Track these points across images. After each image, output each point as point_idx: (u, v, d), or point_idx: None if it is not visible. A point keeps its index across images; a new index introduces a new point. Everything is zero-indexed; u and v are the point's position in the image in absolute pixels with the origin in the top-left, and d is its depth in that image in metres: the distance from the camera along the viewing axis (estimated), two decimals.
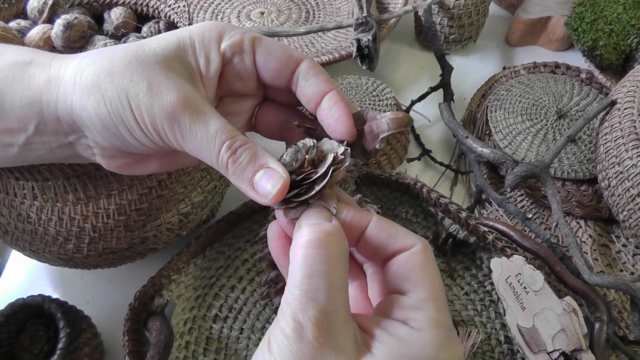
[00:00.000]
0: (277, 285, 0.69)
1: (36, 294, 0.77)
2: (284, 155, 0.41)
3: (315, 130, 0.45)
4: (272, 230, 0.41)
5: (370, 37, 0.94)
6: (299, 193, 0.39)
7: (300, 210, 0.38)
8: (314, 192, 0.38)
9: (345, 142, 0.42)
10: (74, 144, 0.45)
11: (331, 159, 0.39)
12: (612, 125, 0.78)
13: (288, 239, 0.40)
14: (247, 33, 0.45)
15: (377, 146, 0.43)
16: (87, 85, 0.41)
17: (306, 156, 0.40)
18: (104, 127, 0.41)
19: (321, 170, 0.39)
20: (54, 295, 0.78)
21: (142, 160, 0.48)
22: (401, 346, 0.34)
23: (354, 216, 0.39)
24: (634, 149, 0.73)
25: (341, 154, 0.40)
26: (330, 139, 0.43)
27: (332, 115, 0.43)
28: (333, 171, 0.39)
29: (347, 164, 0.40)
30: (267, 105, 0.50)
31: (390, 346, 0.34)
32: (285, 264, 0.38)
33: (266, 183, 0.38)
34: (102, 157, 0.46)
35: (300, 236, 0.35)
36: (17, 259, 0.94)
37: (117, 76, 0.40)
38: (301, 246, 0.34)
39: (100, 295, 0.88)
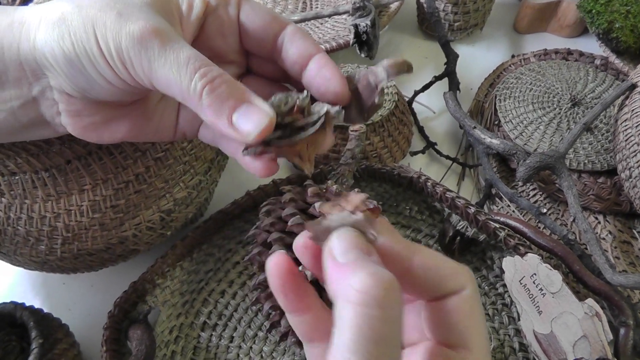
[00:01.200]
0: (268, 289, 0.63)
1: (17, 300, 0.72)
2: (273, 98, 0.37)
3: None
4: (276, 265, 0.33)
5: (369, 23, 0.89)
6: (283, 136, 0.36)
7: (327, 227, 0.31)
8: (300, 135, 0.35)
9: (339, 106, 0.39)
10: (38, 100, 0.42)
11: (324, 110, 0.36)
12: (633, 110, 0.72)
13: (299, 276, 0.33)
14: None
15: (376, 100, 0.39)
16: (52, 19, 0.38)
17: (297, 102, 0.36)
18: (66, 61, 0.38)
19: (311, 119, 0.36)
20: (35, 302, 0.74)
21: (110, 122, 0.44)
22: None
23: (397, 246, 0.32)
24: None
25: (334, 112, 0.37)
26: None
27: (323, 76, 0.40)
28: (324, 124, 0.36)
29: (340, 119, 0.37)
30: (249, 79, 0.47)
31: None
32: (295, 301, 0.32)
33: (247, 120, 0.35)
34: (67, 116, 0.42)
35: (350, 288, 0.27)
36: None
37: (85, 8, 0.37)
38: (358, 303, 0.26)
39: (82, 302, 0.83)
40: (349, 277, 0.27)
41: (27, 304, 0.71)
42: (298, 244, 0.33)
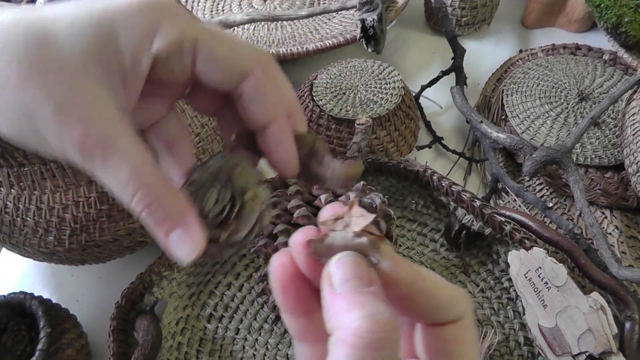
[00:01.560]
0: None
1: (26, 291, 0.72)
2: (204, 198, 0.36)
3: (256, 145, 0.39)
4: (282, 265, 0.32)
5: (376, 17, 0.89)
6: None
7: (329, 245, 0.30)
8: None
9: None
10: None
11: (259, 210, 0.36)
12: None
13: (303, 281, 0.32)
14: (189, 29, 0.36)
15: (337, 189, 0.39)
16: None
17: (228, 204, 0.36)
18: (15, 141, 0.35)
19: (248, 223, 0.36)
20: (44, 294, 0.74)
21: None
22: None
23: (401, 271, 0.30)
24: None
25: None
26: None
27: (278, 153, 0.38)
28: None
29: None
30: (201, 90, 0.42)
31: None
32: (294, 305, 0.32)
33: (180, 247, 0.34)
34: None
35: (345, 328, 0.26)
36: (6, 255, 0.90)
37: (15, 90, 0.33)
38: (355, 347, 0.26)
39: (90, 294, 0.84)
40: (345, 314, 0.27)
41: (36, 295, 0.72)
42: (296, 241, 0.31)
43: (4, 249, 0.90)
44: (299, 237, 0.31)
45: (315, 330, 0.31)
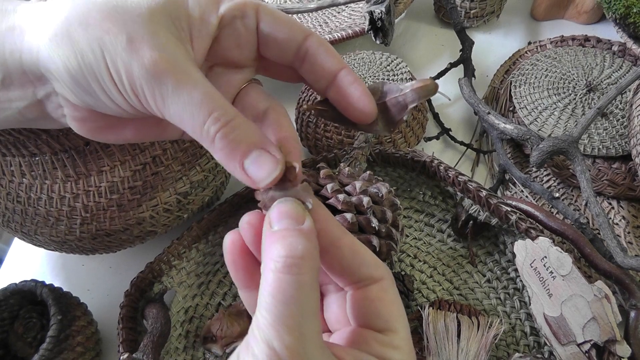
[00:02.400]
0: None
1: (36, 279, 0.73)
2: None
3: (327, 112, 0.42)
4: (232, 242, 0.35)
5: (384, 9, 0.89)
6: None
7: (272, 196, 0.34)
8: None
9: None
10: (44, 102, 0.40)
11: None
12: None
13: (251, 256, 0.35)
14: None
15: (405, 117, 0.41)
16: (56, 34, 0.35)
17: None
18: (74, 82, 0.36)
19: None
20: (55, 283, 0.75)
21: (115, 126, 0.43)
22: None
23: (330, 223, 0.35)
24: None
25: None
26: (345, 118, 0.41)
27: (352, 94, 0.40)
28: None
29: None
30: (269, 66, 0.45)
31: None
32: (244, 279, 0.36)
33: (259, 167, 0.34)
34: (72, 120, 0.41)
35: (270, 257, 0.31)
36: (19, 246, 0.92)
37: (92, 27, 0.35)
38: (273, 270, 0.30)
39: (101, 283, 0.85)
40: (273, 245, 0.31)
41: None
42: (243, 221, 0.35)
43: (16, 239, 0.91)
44: (245, 218, 0.35)
45: None
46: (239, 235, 0.35)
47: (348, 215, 0.59)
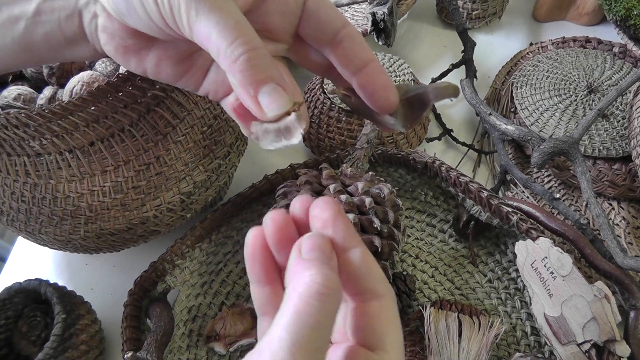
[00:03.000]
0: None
1: (40, 278, 0.74)
2: None
3: (350, 99, 0.44)
4: (254, 237, 0.36)
5: (386, 11, 0.89)
6: None
7: (266, 128, 0.37)
8: None
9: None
10: (82, 13, 0.42)
11: None
12: None
13: (270, 253, 0.36)
14: None
15: (424, 114, 0.43)
16: None
17: None
18: None
19: None
20: (59, 282, 0.75)
21: (140, 50, 0.44)
22: None
23: (347, 229, 0.35)
24: None
25: None
26: (366, 108, 0.43)
27: (378, 83, 0.42)
28: None
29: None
30: (302, 45, 0.46)
31: None
32: (260, 273, 0.35)
33: (271, 98, 0.36)
34: (103, 31, 0.42)
35: (302, 282, 0.31)
36: (23, 245, 0.92)
37: None
38: (303, 294, 0.30)
39: (105, 282, 0.85)
40: (305, 271, 0.31)
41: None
42: (267, 218, 0.35)
43: (20, 237, 0.92)
44: (270, 215, 0.35)
45: (274, 304, 0.35)
46: (262, 232, 0.35)
47: (350, 216, 0.60)
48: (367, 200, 0.61)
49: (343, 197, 0.61)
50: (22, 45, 0.44)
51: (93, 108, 0.59)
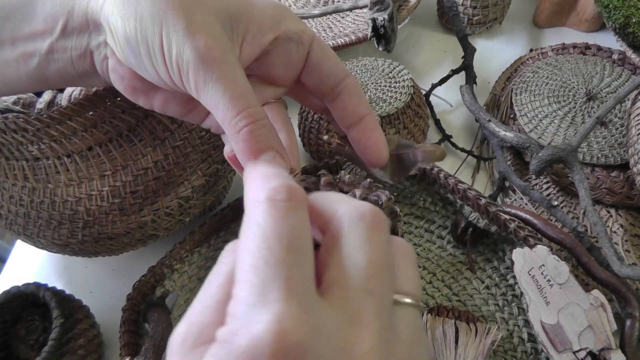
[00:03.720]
0: None
1: (40, 282, 0.74)
2: None
3: (344, 147, 0.47)
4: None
5: (386, 17, 0.89)
6: None
7: None
8: None
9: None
10: (94, 53, 0.43)
11: None
12: None
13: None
14: (309, 29, 0.44)
15: (412, 172, 0.47)
16: None
17: None
18: (126, 42, 0.39)
19: None
20: (58, 286, 0.76)
21: (149, 91, 0.46)
22: None
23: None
24: None
25: None
26: (359, 158, 0.46)
27: (371, 139, 0.44)
28: None
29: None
30: (302, 89, 0.49)
31: None
32: None
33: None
34: (113, 72, 0.44)
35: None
36: (21, 247, 0.92)
37: (159, 2, 0.38)
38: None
39: (104, 286, 0.85)
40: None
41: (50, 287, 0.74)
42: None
43: (19, 241, 0.92)
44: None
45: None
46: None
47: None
48: None
49: None
50: (36, 78, 0.45)
51: (91, 113, 0.59)
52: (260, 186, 0.30)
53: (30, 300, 0.74)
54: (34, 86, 0.48)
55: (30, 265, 0.89)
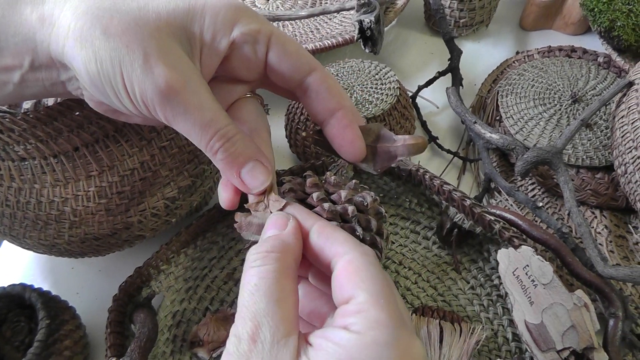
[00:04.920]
0: None
1: (27, 283, 0.74)
2: None
3: (322, 142, 0.46)
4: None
5: (373, 19, 0.90)
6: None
7: (249, 221, 0.42)
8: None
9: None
10: (66, 83, 0.44)
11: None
12: (630, 108, 0.73)
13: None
14: (265, 25, 0.43)
15: (392, 165, 0.45)
16: (80, 36, 0.38)
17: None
18: (92, 83, 0.40)
19: None
20: (44, 286, 0.75)
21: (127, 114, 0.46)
22: (338, 350, 0.32)
23: (301, 216, 0.41)
24: None
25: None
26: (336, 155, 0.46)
27: (345, 137, 0.44)
28: None
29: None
30: (271, 86, 0.49)
31: (326, 351, 0.33)
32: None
33: (253, 177, 0.41)
34: (89, 100, 0.45)
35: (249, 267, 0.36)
36: (7, 248, 0.92)
37: (112, 37, 0.38)
38: (244, 268, 0.36)
39: (90, 287, 0.85)
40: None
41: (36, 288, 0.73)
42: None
43: (5, 242, 0.92)
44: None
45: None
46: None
47: (333, 224, 0.60)
48: (350, 208, 0.61)
49: (326, 205, 0.61)
50: (13, 98, 0.46)
51: (77, 113, 0.59)
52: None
53: (16, 302, 0.74)
54: (14, 101, 0.49)
55: (16, 266, 0.89)
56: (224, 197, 0.44)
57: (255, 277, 0.34)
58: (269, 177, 0.41)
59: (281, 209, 0.41)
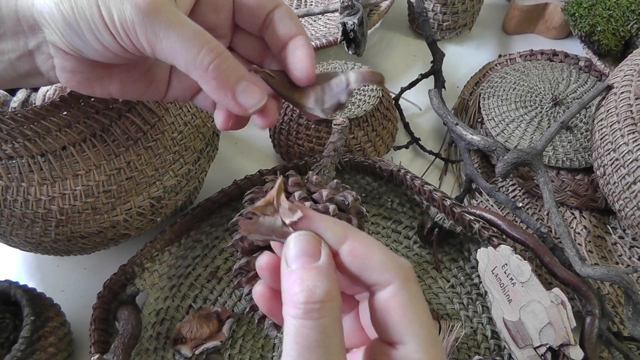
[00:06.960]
0: (249, 273, 0.65)
1: (12, 280, 0.74)
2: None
3: (273, 79, 0.43)
4: (261, 295, 0.36)
5: (356, 21, 0.91)
6: None
7: (256, 228, 0.34)
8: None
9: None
10: (34, 53, 0.43)
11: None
12: (608, 111, 0.75)
13: (277, 298, 0.35)
14: None
15: (343, 99, 0.41)
16: None
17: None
18: (65, 24, 0.39)
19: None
20: (30, 284, 0.76)
21: (102, 79, 0.45)
22: None
23: (325, 231, 0.33)
24: (630, 134, 0.70)
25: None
26: (287, 89, 0.43)
27: (297, 55, 0.43)
28: None
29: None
30: (242, 35, 0.48)
31: None
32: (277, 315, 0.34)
33: (248, 96, 0.39)
34: (61, 71, 0.43)
35: (290, 301, 0.30)
36: None
37: None
38: (294, 316, 0.30)
39: (75, 284, 0.85)
40: (292, 288, 0.30)
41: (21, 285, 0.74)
42: (259, 268, 0.35)
43: None
44: (259, 263, 0.35)
45: None
46: (265, 287, 0.35)
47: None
48: (331, 207, 0.63)
49: (307, 204, 0.63)
50: None
51: (65, 113, 0.59)
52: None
53: (1, 299, 0.74)
54: None
55: (1, 263, 0.89)
56: (220, 120, 0.44)
57: (314, 331, 0.29)
58: (263, 97, 0.40)
59: (297, 221, 0.33)
